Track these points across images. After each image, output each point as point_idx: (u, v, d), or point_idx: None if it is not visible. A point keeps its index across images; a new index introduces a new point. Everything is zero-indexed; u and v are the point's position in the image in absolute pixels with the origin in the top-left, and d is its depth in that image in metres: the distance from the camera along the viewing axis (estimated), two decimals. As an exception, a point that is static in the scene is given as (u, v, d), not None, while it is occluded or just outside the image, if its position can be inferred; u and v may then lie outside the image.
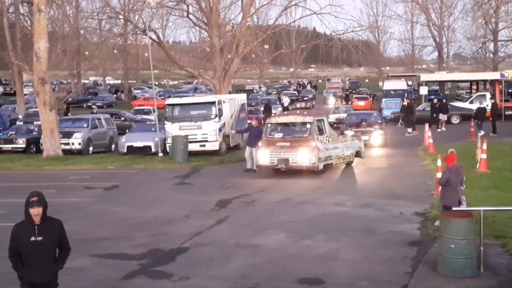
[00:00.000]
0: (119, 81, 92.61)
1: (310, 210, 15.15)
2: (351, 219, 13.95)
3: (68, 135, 28.02)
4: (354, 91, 77.26)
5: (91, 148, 28.70)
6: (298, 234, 12.63)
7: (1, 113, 40.50)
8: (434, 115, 36.02)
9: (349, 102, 54.34)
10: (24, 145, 28.58)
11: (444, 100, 39.28)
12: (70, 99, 56.39)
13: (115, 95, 74.46)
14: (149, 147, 27.11)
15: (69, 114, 40.94)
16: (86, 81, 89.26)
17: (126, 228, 13.56)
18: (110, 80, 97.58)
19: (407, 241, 11.95)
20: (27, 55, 37.43)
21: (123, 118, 39.58)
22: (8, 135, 30.33)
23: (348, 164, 21.80)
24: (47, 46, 25.99)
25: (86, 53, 62.20)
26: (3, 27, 45.49)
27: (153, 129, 28.02)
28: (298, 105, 57.04)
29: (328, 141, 20.46)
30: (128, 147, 27.10)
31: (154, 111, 31.26)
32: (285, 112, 37.52)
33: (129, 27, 48.29)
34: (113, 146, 30.32)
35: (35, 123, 32.58)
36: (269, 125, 21.00)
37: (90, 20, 48.65)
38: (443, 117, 36.28)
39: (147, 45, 33.41)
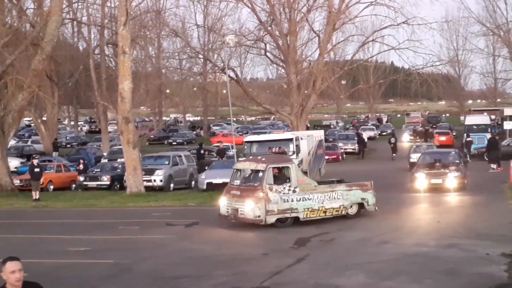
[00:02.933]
0: (199, 118, 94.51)
1: (390, 250, 14.83)
2: (434, 260, 13.54)
3: (150, 172, 28.77)
4: (434, 126, 75.64)
5: (172, 185, 29.33)
6: (379, 275, 12.36)
7: (87, 150, 42.13)
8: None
9: (429, 138, 52.69)
10: (108, 182, 29.54)
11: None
12: (152, 136, 58.01)
13: (194, 132, 76.01)
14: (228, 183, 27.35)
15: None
16: (167, 118, 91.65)
17: (206, 266, 13.66)
18: (190, 117, 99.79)
19: (493, 284, 11.48)
20: (111, 95, 38.94)
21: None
22: (94, 172, 31.46)
23: (346, 217, 19.13)
24: (131, 86, 26.94)
25: (167, 91, 63.96)
26: (89, 68, 47.59)
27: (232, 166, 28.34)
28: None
29: (294, 191, 18.10)
30: (208, 183, 27.50)
31: (232, 148, 31.70)
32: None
33: (208, 66, 49.50)
34: (193, 182, 30.86)
35: (118, 160, 33.67)
36: (234, 170, 19.83)
37: (171, 60, 50.31)
38: (529, 152, 34.99)
39: (225, 83, 34.11)
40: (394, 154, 46.39)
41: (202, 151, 39.13)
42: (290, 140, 26.57)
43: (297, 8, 39.42)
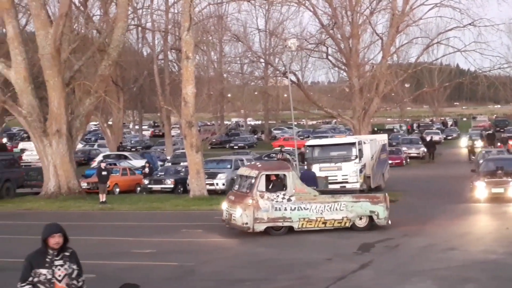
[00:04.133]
0: (260, 122, 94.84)
1: (457, 256, 14.46)
2: (503, 268, 13.12)
3: (212, 175, 29.02)
4: (502, 130, 73.37)
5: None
6: (446, 283, 12.06)
7: (151, 154, 42.87)
8: None
9: (497, 144, 50.63)
10: (172, 186, 29.96)
11: None
12: (214, 140, 58.55)
13: (255, 136, 76.29)
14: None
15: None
16: (229, 122, 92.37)
17: (269, 270, 13.65)
18: (251, 121, 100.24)
19: None
20: (175, 99, 39.52)
21: None
22: (158, 175, 31.97)
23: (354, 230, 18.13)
24: (194, 91, 27.25)
25: (229, 95, 64.49)
26: (153, 73, 48.44)
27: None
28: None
29: (289, 200, 17.59)
30: (269, 187, 27.46)
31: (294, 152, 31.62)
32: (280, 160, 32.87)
33: (269, 70, 49.53)
34: (254, 186, 30.90)
35: (182, 164, 34.11)
36: (237, 175, 19.58)
37: (233, 64, 50.69)
38: None
39: (287, 87, 34.09)
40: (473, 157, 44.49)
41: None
42: (353, 144, 26.28)
43: (360, 11, 39.07)
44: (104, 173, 26.97)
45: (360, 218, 18.15)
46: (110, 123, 52.20)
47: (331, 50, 40.93)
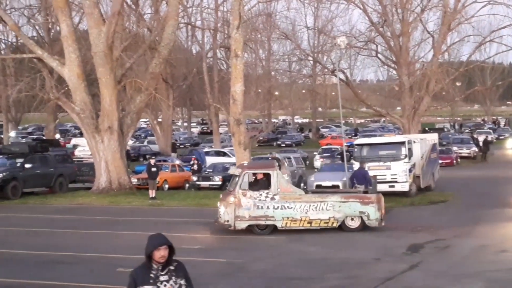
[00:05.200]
0: (307, 120, 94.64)
1: (510, 259, 14.18)
2: (559, 272, 12.80)
3: (260, 173, 29.08)
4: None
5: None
6: (497, 285, 11.86)
7: (200, 151, 43.27)
8: None
9: None
10: (220, 182, 30.20)
11: None
12: (261, 138, 58.68)
13: (302, 134, 76.14)
14: (337, 186, 27.22)
15: None
16: (276, 120, 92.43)
17: (318, 268, 13.65)
18: (298, 119, 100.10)
19: None
20: (223, 97, 39.80)
21: None
22: (206, 172, 32.26)
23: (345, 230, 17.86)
24: (243, 89, 27.37)
25: (276, 93, 64.53)
26: (202, 71, 48.89)
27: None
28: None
29: (272, 199, 17.49)
30: (317, 186, 27.44)
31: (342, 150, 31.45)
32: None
33: (317, 68, 49.38)
34: (302, 184, 30.90)
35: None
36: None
37: (281, 62, 50.68)
38: None
39: (335, 85, 33.96)
40: None
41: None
42: (402, 143, 25.97)
43: (410, 9, 38.59)
44: (153, 169, 27.38)
45: (352, 219, 17.87)
46: (159, 120, 52.89)
47: (380, 48, 40.54)
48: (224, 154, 40.98)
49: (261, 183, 17.91)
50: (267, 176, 17.86)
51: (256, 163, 22.65)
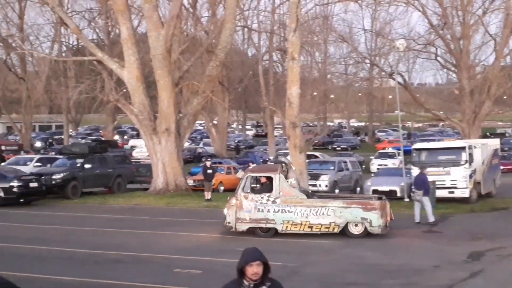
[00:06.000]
0: (363, 124, 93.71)
1: None
2: None
3: (315, 177, 28.95)
4: None
5: (337, 190, 29.28)
6: None
7: (254, 153, 43.39)
8: None
9: None
10: (275, 185, 30.13)
11: None
12: (316, 141, 58.38)
13: (358, 138, 75.42)
14: (395, 191, 26.82)
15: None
16: (331, 124, 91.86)
17: (375, 274, 13.44)
18: (354, 123, 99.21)
19: None
20: (279, 100, 39.77)
21: None
22: (261, 175, 32.26)
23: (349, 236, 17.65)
24: (299, 92, 27.25)
25: (332, 96, 64.15)
26: (258, 74, 49.01)
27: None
28: None
29: (274, 202, 17.59)
30: (373, 190, 27.09)
31: (399, 155, 31.00)
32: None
33: (375, 71, 48.82)
34: (357, 189, 30.59)
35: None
36: None
37: (337, 65, 50.37)
38: None
39: (392, 88, 33.49)
40: None
41: None
42: (463, 148, 25.37)
43: (471, 11, 37.67)
44: (209, 171, 27.57)
45: (356, 225, 17.64)
46: (215, 122, 53.30)
47: (440, 51, 39.74)
48: (314, 157, 39.92)
49: (264, 187, 18.19)
50: (270, 180, 17.97)
51: (260, 167, 22.91)
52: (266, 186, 18.07)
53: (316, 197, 18.71)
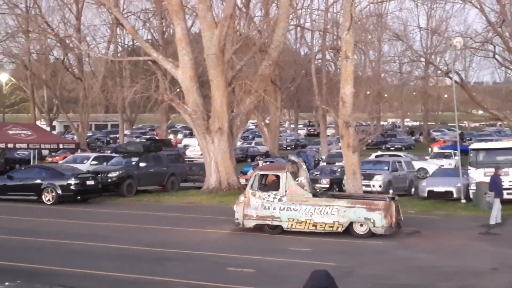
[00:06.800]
0: (418, 123, 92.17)
1: None
2: None
3: (369, 177, 28.59)
4: None
5: (391, 191, 28.83)
6: None
7: (307, 153, 43.19)
8: None
9: None
10: (328, 185, 29.94)
11: None
12: (369, 141, 57.71)
13: (413, 137, 74.20)
14: (451, 192, 26.26)
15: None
16: (385, 123, 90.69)
17: (429, 276, 13.19)
18: (408, 122, 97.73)
19: None
20: (331, 99, 39.46)
21: None
22: (314, 175, 32.09)
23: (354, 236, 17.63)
24: (352, 91, 26.99)
25: (386, 95, 63.36)
26: (310, 73, 48.78)
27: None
28: None
29: (280, 200, 17.91)
30: (429, 191, 26.61)
31: (455, 155, 30.35)
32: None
33: (430, 70, 47.97)
34: (412, 189, 30.09)
35: (337, 164, 33.96)
36: None
37: (392, 63, 49.70)
38: None
39: (448, 87, 32.85)
40: None
41: None
42: (522, 148, 24.66)
43: (531, 7, 36.58)
44: (262, 170, 27.57)
45: (361, 225, 17.67)
46: (267, 121, 53.33)
47: (498, 49, 38.69)
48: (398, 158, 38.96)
49: (272, 185, 18.56)
50: (278, 178, 18.34)
51: (268, 166, 23.30)
52: (274, 184, 18.48)
53: (326, 196, 19.04)
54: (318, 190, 20.15)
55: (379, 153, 42.71)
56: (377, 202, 18.07)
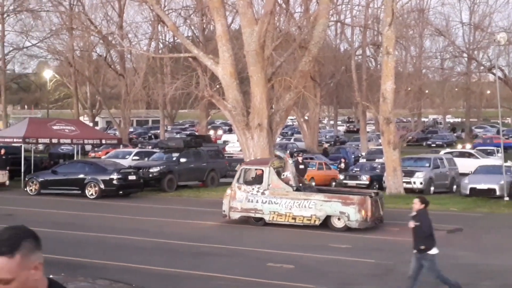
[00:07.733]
0: (459, 120, 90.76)
1: None
2: None
3: (410, 174, 28.39)
4: None
5: (432, 188, 28.58)
6: None
7: (346, 149, 43.03)
8: None
9: None
10: (367, 182, 29.84)
11: None
12: (410, 137, 57.17)
13: (454, 134, 73.13)
14: (494, 190, 25.87)
15: None
16: (426, 120, 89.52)
17: (471, 275, 13.06)
18: (450, 119, 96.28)
19: None
20: (371, 95, 39.21)
21: None
22: (353, 171, 32.00)
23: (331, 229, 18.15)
24: (393, 87, 26.85)
25: (427, 91, 62.54)
26: (350, 69, 48.51)
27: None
28: None
29: (263, 194, 18.65)
30: (471, 189, 26.28)
31: (498, 152, 29.86)
32: None
33: (473, 65, 47.19)
34: (454, 187, 29.73)
35: (377, 160, 33.77)
36: None
37: (433, 59, 49.07)
38: None
39: (491, 83, 32.32)
40: None
41: None
42: None
43: None
44: (301, 166, 27.60)
45: (339, 219, 18.20)
46: (306, 118, 53.23)
47: (543, 44, 37.90)
48: (469, 155, 38.47)
49: (257, 179, 19.38)
50: (262, 172, 19.12)
51: (254, 160, 24.06)
52: (258, 178, 19.27)
53: (310, 190, 19.65)
54: (302, 185, 20.61)
55: (448, 150, 41.76)
56: (352, 197, 18.62)
